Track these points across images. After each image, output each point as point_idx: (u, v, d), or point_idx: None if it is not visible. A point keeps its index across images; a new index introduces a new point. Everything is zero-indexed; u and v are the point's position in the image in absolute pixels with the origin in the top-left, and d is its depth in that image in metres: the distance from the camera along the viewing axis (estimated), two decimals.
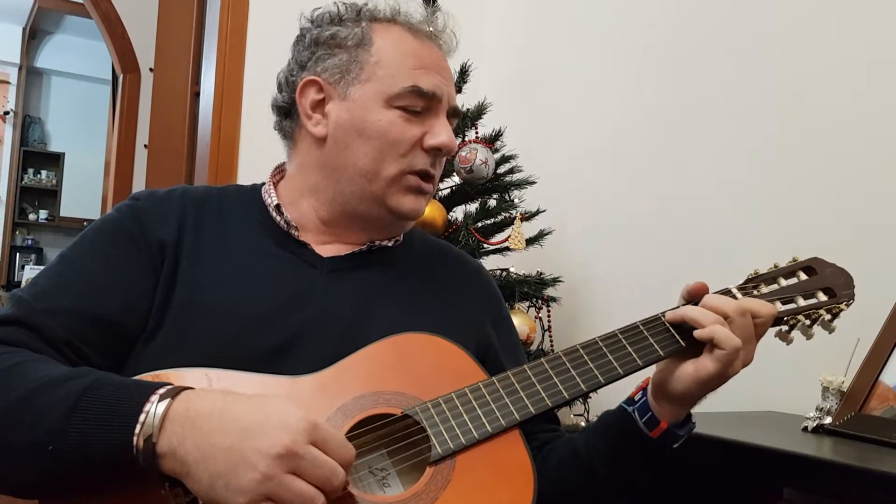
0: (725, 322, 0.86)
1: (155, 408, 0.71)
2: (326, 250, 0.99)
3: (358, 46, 0.97)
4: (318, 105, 0.99)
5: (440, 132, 0.97)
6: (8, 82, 6.90)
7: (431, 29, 1.02)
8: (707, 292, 0.92)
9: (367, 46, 0.97)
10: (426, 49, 0.99)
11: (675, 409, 0.90)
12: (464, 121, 1.96)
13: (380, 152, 0.95)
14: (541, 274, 1.96)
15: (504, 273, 1.96)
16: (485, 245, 1.94)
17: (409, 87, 0.95)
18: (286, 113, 1.02)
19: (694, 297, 0.92)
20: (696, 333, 0.87)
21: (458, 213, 2.01)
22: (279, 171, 1.06)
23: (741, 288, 0.95)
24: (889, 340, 1.25)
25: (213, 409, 0.72)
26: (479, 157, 1.86)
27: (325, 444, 0.71)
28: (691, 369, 0.87)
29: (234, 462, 0.68)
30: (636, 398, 0.92)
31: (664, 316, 0.91)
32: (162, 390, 0.73)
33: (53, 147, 7.35)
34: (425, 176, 0.98)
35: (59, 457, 0.71)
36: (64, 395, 0.73)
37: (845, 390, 1.26)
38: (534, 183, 2.00)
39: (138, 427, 0.70)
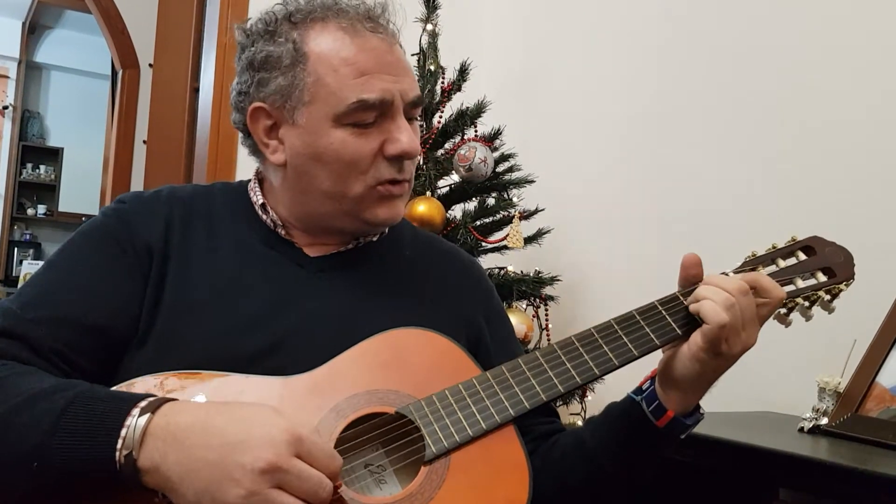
0: (735, 301, 0.84)
1: (136, 421, 0.70)
2: (313, 250, 0.98)
3: (294, 65, 0.90)
4: (272, 130, 0.94)
5: (398, 137, 0.91)
6: (7, 77, 6.88)
7: (369, 17, 0.92)
8: (699, 262, 0.91)
9: (303, 63, 0.90)
10: (366, 48, 0.90)
11: (680, 396, 0.88)
12: (463, 119, 1.96)
13: (340, 175, 0.91)
14: (539, 273, 1.96)
15: (502, 271, 1.96)
16: (483, 243, 1.94)
17: (355, 103, 0.88)
18: (247, 132, 0.97)
19: (689, 271, 0.91)
20: (692, 308, 0.86)
21: (457, 211, 2.01)
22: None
23: (738, 271, 0.93)
24: (886, 342, 1.25)
25: (195, 423, 0.71)
26: (478, 155, 1.85)
27: (310, 456, 0.70)
28: (686, 349, 0.86)
29: (217, 478, 0.68)
30: (644, 388, 0.90)
31: (661, 305, 0.90)
32: (143, 403, 0.72)
33: (52, 142, 7.33)
34: (395, 182, 0.94)
35: (45, 472, 0.70)
36: (47, 410, 0.72)
37: (842, 391, 1.26)
38: (532, 181, 2.00)
39: (120, 442, 0.70)
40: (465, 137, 1.96)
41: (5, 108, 6.83)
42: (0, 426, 0.72)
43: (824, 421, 1.23)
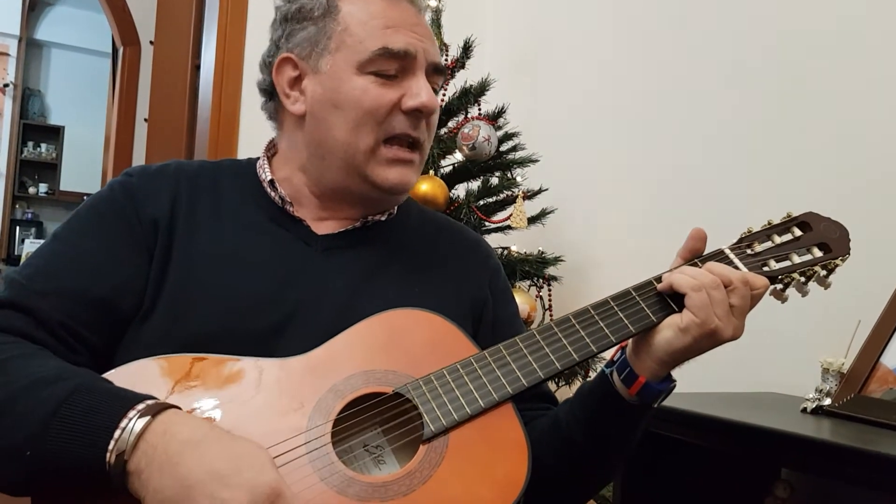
0: (719, 286, 0.84)
1: (132, 424, 0.70)
2: (321, 227, 0.98)
3: (325, 16, 0.94)
4: (295, 82, 0.96)
5: (418, 92, 0.93)
6: (7, 54, 6.84)
7: None
8: (705, 238, 0.91)
9: (333, 15, 0.94)
10: (396, 8, 0.95)
11: (656, 366, 0.87)
12: (467, 97, 1.94)
13: (356, 122, 0.92)
14: (542, 253, 1.96)
15: (505, 251, 1.96)
16: (486, 223, 1.94)
17: (379, 50, 0.91)
18: (269, 94, 1.01)
19: (695, 244, 0.91)
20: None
21: (460, 190, 2.00)
22: (273, 146, 1.04)
23: (734, 247, 0.93)
24: (890, 322, 1.25)
25: (191, 440, 0.69)
26: (482, 134, 1.84)
27: None
28: (678, 319, 0.85)
29: (183, 498, 0.66)
30: (615, 359, 0.90)
31: (657, 282, 0.90)
32: (141, 406, 0.71)
33: (53, 120, 7.31)
34: (410, 143, 0.95)
35: (38, 462, 0.70)
36: (46, 399, 0.72)
37: (845, 372, 1.26)
38: (536, 161, 1.99)
39: (112, 443, 0.69)
40: (469, 116, 1.94)
41: (6, 86, 6.79)
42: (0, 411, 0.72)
43: (827, 402, 1.23)
